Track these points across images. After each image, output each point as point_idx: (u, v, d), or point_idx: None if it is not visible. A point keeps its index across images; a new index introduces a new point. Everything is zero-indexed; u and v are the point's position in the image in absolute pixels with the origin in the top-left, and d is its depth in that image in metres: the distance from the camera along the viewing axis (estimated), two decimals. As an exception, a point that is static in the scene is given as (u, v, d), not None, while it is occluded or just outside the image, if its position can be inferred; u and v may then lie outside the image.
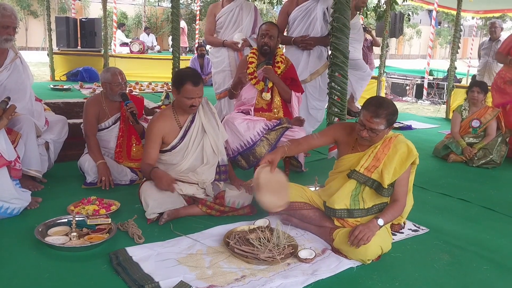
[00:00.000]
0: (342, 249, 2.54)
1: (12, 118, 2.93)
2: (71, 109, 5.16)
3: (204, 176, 3.07)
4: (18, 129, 3.27)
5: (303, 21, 4.72)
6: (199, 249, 2.57)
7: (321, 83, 4.80)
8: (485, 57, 8.21)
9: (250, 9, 4.90)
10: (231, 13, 4.83)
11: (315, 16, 4.66)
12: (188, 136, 3.07)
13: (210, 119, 3.16)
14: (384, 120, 2.52)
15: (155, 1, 25.20)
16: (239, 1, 4.86)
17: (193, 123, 3.09)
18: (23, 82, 3.46)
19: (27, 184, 3.33)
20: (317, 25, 4.68)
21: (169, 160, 3.09)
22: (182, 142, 3.06)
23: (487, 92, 4.96)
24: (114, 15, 14.48)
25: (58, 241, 2.56)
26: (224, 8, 4.85)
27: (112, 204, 3.11)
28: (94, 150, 3.62)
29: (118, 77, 3.67)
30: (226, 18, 4.85)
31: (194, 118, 3.11)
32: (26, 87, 3.48)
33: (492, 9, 12.04)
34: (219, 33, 4.95)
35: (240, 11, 4.83)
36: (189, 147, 3.07)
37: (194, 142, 3.09)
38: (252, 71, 3.96)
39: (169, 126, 3.05)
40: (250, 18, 4.88)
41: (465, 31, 26.51)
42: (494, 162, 4.72)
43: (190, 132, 3.08)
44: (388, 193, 2.60)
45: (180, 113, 3.10)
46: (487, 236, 2.99)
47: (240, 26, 4.84)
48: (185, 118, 3.10)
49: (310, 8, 4.68)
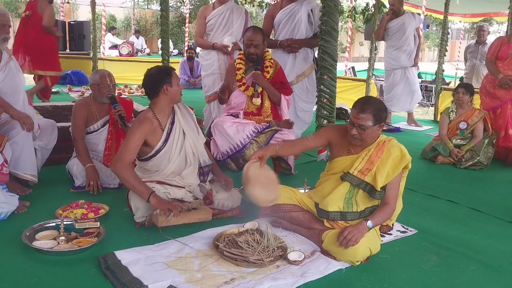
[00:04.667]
0: (331, 250, 2.56)
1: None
2: (59, 112, 5.13)
3: (190, 180, 3.07)
4: (16, 132, 3.25)
5: (288, 24, 4.73)
6: (188, 252, 2.57)
7: (308, 85, 4.82)
8: (472, 60, 8.30)
9: (241, 13, 4.88)
10: (221, 16, 4.82)
11: (299, 19, 4.68)
12: (171, 138, 3.05)
13: (188, 120, 3.16)
14: (371, 115, 2.54)
15: (144, 4, 25.11)
16: (230, 4, 4.85)
17: (174, 124, 3.07)
18: (17, 85, 3.41)
19: (15, 188, 3.30)
20: (301, 28, 4.70)
21: (154, 166, 3.06)
22: (166, 145, 3.02)
23: (473, 93, 5.01)
24: (103, 18, 14.44)
25: (46, 245, 2.55)
26: (214, 11, 4.84)
27: (100, 207, 3.10)
28: (82, 154, 3.60)
29: (106, 79, 3.66)
30: (217, 21, 4.84)
31: (174, 119, 3.09)
32: (20, 90, 3.44)
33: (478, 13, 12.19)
34: (209, 35, 4.93)
35: (231, 14, 4.82)
36: (172, 149, 3.05)
37: (177, 144, 3.07)
38: (240, 78, 3.95)
39: (153, 128, 3.00)
40: (241, 22, 4.87)
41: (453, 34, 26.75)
42: (481, 164, 4.76)
43: (172, 134, 3.05)
44: (380, 196, 2.62)
45: (161, 115, 3.04)
46: (474, 237, 3.02)
47: (230, 29, 4.83)
48: (166, 120, 3.07)
49: (294, 10, 4.70)
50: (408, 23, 6.59)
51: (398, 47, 6.73)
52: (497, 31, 24.12)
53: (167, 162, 3.05)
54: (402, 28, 6.60)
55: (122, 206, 3.13)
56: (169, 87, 2.99)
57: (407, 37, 6.65)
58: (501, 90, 5.09)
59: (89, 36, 11.06)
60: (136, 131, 2.92)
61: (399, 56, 6.73)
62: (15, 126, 3.29)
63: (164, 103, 3.03)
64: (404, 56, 6.73)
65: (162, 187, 2.98)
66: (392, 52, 6.81)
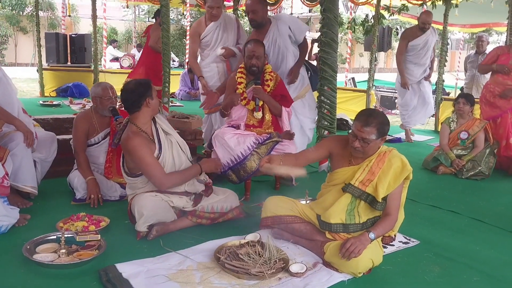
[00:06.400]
0: (333, 262, 2.54)
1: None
2: (60, 125, 5.13)
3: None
4: (16, 144, 3.25)
5: (272, 55, 4.50)
6: (190, 264, 2.55)
7: (309, 101, 4.72)
8: (471, 70, 8.32)
9: (233, 23, 4.83)
10: (216, 31, 4.75)
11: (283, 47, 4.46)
12: (163, 144, 3.04)
13: (163, 119, 3.20)
14: (375, 129, 2.54)
15: (145, 17, 25.28)
16: (222, 17, 4.81)
17: (158, 130, 3.08)
18: (10, 95, 3.39)
19: (16, 201, 3.29)
20: (289, 58, 4.50)
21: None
22: (161, 152, 3.01)
23: (473, 104, 5.02)
24: (104, 30, 14.52)
25: (47, 258, 2.53)
26: (208, 27, 4.77)
27: (101, 220, 3.09)
28: (83, 166, 3.60)
29: (108, 91, 3.67)
30: (212, 37, 4.77)
31: (155, 125, 3.10)
32: (13, 100, 3.42)
33: (477, 23, 12.24)
34: (204, 50, 4.92)
35: (225, 28, 4.75)
36: (167, 153, 3.05)
37: (168, 146, 3.08)
38: (241, 92, 3.96)
39: (147, 141, 2.98)
40: (234, 33, 4.84)
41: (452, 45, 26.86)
42: (482, 174, 4.76)
43: (162, 139, 3.05)
44: (381, 207, 2.61)
45: (144, 127, 3.02)
46: (477, 247, 3.00)
47: (226, 43, 4.81)
48: (150, 129, 3.06)
49: (273, 38, 4.42)
50: (431, 39, 6.50)
51: (417, 63, 6.57)
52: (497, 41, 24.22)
53: (163, 167, 3.04)
54: (427, 45, 6.48)
55: (123, 218, 3.13)
56: (151, 100, 2.99)
57: (429, 53, 6.55)
58: (501, 100, 5.11)
59: (90, 49, 11.11)
60: (141, 149, 2.89)
61: (417, 71, 6.60)
62: (14, 138, 3.28)
63: (146, 116, 3.02)
64: (421, 71, 6.62)
65: (165, 196, 2.99)
66: (410, 67, 6.59)
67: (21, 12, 20.33)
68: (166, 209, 2.98)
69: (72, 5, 19.44)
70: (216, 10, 4.67)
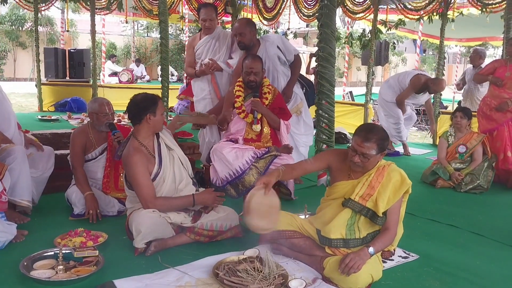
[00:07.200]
0: (333, 277, 2.52)
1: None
2: (59, 140, 5.12)
3: (186, 192, 3.10)
4: (13, 159, 3.24)
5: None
6: (188, 281, 2.53)
7: (304, 117, 4.71)
8: (468, 83, 8.37)
9: (227, 39, 4.87)
10: (207, 44, 4.83)
11: (274, 69, 4.48)
12: (164, 159, 3.05)
13: (167, 134, 3.21)
14: (375, 144, 2.55)
15: (144, 32, 25.46)
16: (216, 32, 4.84)
17: (160, 145, 3.09)
18: (6, 110, 3.40)
19: (13, 216, 3.27)
20: (280, 80, 4.52)
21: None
22: (161, 167, 3.02)
23: (471, 117, 5.04)
24: (103, 45, 14.61)
25: (44, 275, 2.51)
26: (201, 40, 4.86)
27: (99, 236, 3.07)
28: (81, 182, 3.59)
29: (105, 107, 3.67)
30: (204, 49, 4.85)
31: (159, 140, 3.10)
32: (10, 114, 3.43)
33: (474, 37, 12.35)
34: (197, 62, 4.99)
35: (217, 42, 4.82)
36: (168, 168, 3.05)
37: (169, 162, 3.08)
38: (240, 105, 3.97)
39: (146, 157, 3.00)
40: (227, 47, 4.86)
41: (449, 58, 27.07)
42: (481, 187, 4.75)
43: (163, 154, 3.06)
44: (382, 222, 2.61)
45: (146, 141, 3.04)
46: (476, 261, 2.99)
47: (217, 54, 4.85)
48: (152, 144, 3.07)
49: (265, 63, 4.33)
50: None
51: (414, 103, 6.86)
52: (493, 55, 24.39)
53: (163, 182, 3.05)
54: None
55: (121, 234, 3.11)
56: (152, 116, 3.00)
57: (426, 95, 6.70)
58: (497, 113, 5.13)
59: (89, 64, 11.14)
60: (136, 167, 2.91)
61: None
62: (11, 153, 3.28)
63: (146, 131, 3.04)
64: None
65: (162, 212, 2.97)
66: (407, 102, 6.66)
67: (21, 27, 20.44)
68: (164, 226, 2.96)
69: (71, 20, 19.56)
70: (209, 23, 4.75)
